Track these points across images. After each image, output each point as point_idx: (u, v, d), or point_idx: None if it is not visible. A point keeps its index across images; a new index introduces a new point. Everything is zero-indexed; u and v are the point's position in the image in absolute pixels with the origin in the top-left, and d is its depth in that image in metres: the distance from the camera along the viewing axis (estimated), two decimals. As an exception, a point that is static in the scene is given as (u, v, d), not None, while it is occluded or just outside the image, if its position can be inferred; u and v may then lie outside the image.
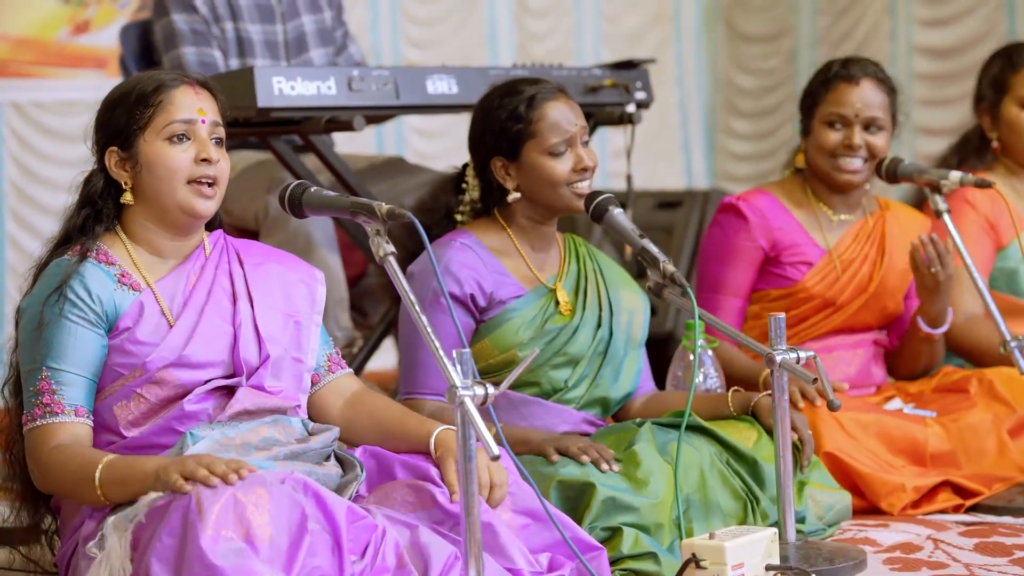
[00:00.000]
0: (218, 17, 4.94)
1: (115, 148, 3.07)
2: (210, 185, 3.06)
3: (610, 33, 8.86)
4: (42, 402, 2.96)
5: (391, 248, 2.89)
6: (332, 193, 3.04)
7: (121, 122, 3.06)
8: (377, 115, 4.62)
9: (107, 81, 7.08)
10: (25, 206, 7.05)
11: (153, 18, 5.01)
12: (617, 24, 8.91)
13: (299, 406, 3.14)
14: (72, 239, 3.10)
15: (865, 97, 4.22)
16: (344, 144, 5.52)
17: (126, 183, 3.08)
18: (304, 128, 4.30)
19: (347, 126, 4.30)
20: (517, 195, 3.70)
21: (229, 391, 3.06)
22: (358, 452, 3.14)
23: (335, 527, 2.73)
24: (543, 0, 8.66)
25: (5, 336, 6.97)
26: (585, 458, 3.37)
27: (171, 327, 3.03)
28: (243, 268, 3.17)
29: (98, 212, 3.10)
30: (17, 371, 3.07)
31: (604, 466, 3.36)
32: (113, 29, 7.00)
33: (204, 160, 3.04)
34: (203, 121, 3.06)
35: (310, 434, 3.10)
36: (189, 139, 3.05)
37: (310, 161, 4.74)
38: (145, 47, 5.06)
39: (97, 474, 2.84)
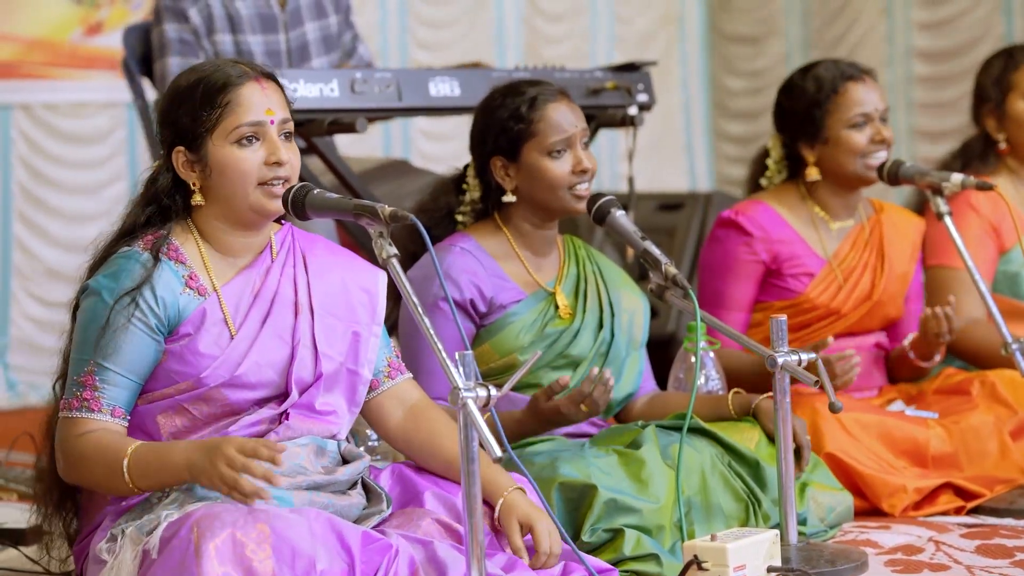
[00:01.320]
0: (213, 29, 4.92)
1: (182, 149, 3.01)
2: (282, 184, 3.00)
3: (622, 36, 8.87)
4: (83, 396, 2.92)
5: (394, 250, 2.89)
6: (335, 195, 3.02)
7: (186, 123, 2.99)
8: (380, 117, 4.62)
9: (119, 83, 7.10)
10: (33, 209, 7.05)
11: (152, 24, 5.02)
12: (629, 26, 8.92)
13: (339, 431, 3.09)
14: (134, 233, 3.04)
15: (874, 91, 4.24)
16: (350, 146, 5.53)
17: (194, 184, 3.02)
18: (307, 130, 4.30)
19: (350, 128, 4.30)
20: (512, 198, 3.70)
21: (276, 417, 3.02)
22: (386, 473, 3.13)
23: (350, 555, 2.73)
24: (557, 3, 8.66)
25: (10, 338, 6.98)
26: (583, 409, 3.41)
27: (232, 338, 2.99)
28: (308, 273, 3.11)
29: (165, 210, 3.05)
30: (68, 360, 3.01)
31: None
32: (127, 31, 7.04)
33: (275, 163, 2.99)
34: (272, 122, 3.00)
35: (343, 458, 3.08)
36: (259, 139, 2.99)
37: (313, 163, 4.75)
38: (147, 50, 5.06)
39: (126, 463, 2.82)
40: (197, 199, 3.03)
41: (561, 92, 3.73)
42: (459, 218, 3.82)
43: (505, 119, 3.69)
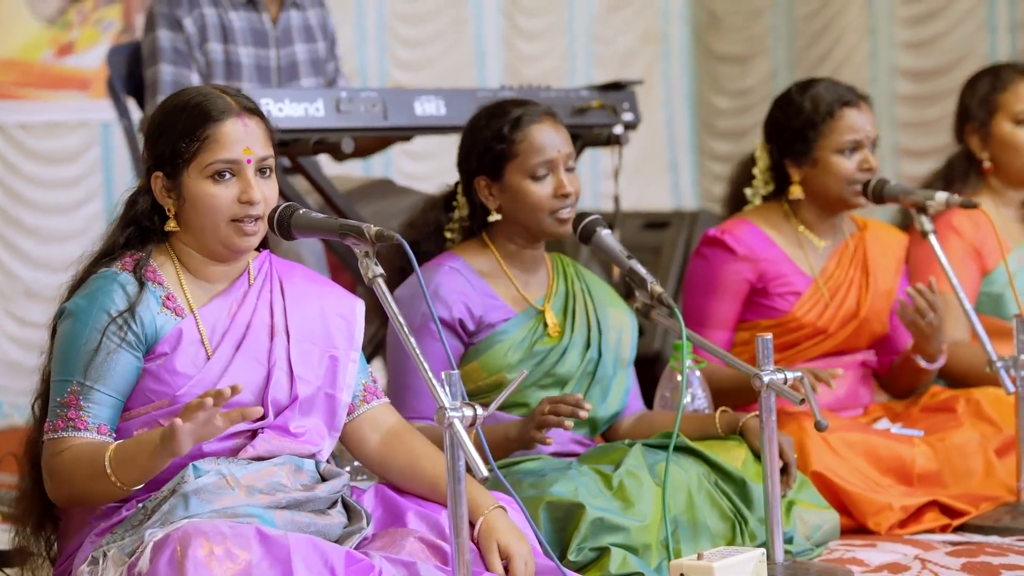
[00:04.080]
0: (206, 38, 4.93)
1: (160, 175, 3.02)
2: (255, 222, 3.01)
3: (601, 55, 8.88)
4: (67, 415, 2.92)
5: (380, 270, 2.89)
6: (321, 215, 3.03)
7: (166, 150, 3.00)
8: (366, 137, 4.62)
9: (91, 103, 7.09)
10: (9, 228, 7.04)
11: (144, 31, 5.02)
12: (609, 46, 8.93)
13: (318, 452, 3.09)
14: (114, 253, 3.05)
15: (868, 118, 4.23)
16: (333, 165, 5.53)
17: (170, 210, 3.03)
18: (292, 149, 4.30)
19: (335, 148, 4.30)
20: (497, 216, 3.71)
21: (251, 432, 3.02)
22: (369, 493, 3.13)
23: (333, 575, 2.72)
24: (535, 22, 8.67)
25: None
26: (569, 423, 3.34)
27: (208, 358, 3.00)
28: (284, 299, 3.12)
29: (144, 231, 3.06)
30: (47, 381, 3.01)
31: (576, 414, 3.35)
32: (96, 51, 7.02)
33: (247, 202, 2.99)
34: (248, 160, 3.00)
35: (322, 477, 3.07)
36: (234, 176, 2.99)
37: (298, 183, 4.75)
38: (132, 70, 5.06)
39: (107, 460, 2.81)
40: (172, 225, 3.04)
41: (547, 113, 3.73)
42: (448, 235, 3.82)
43: (488, 139, 3.69)
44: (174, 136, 3.00)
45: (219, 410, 2.69)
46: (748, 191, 4.38)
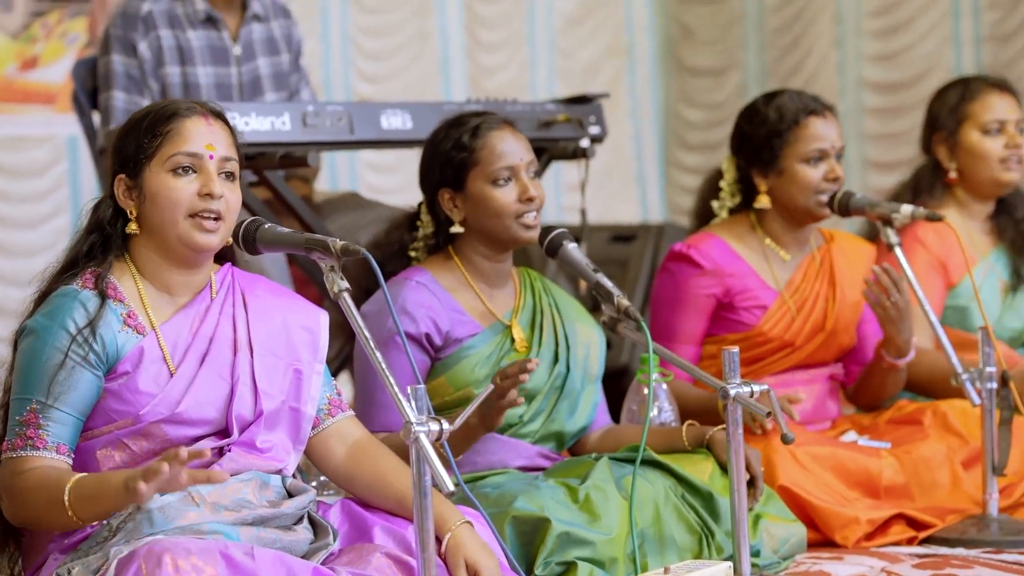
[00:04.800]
0: (162, 62, 4.90)
1: (123, 176, 3.01)
2: (215, 220, 2.99)
3: (564, 67, 8.89)
4: (26, 434, 2.89)
5: (346, 285, 2.89)
6: (287, 230, 3.02)
7: (131, 150, 3.00)
8: (332, 150, 4.62)
9: (56, 117, 7.06)
10: (-25, 243, 7.00)
11: (100, 52, 4.99)
12: (571, 58, 8.93)
13: (284, 467, 3.08)
14: (77, 265, 3.03)
15: (834, 127, 4.24)
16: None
17: (131, 212, 3.02)
18: (258, 164, 4.29)
19: (302, 162, 4.30)
20: (460, 229, 3.70)
21: (218, 449, 3.00)
22: (335, 508, 3.11)
23: None
24: (496, 34, 8.68)
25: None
26: (513, 393, 3.31)
27: (171, 376, 2.98)
28: (247, 313, 3.10)
29: (106, 240, 3.04)
30: (8, 395, 2.99)
31: (524, 373, 3.32)
32: (61, 65, 6.99)
33: (207, 195, 2.98)
34: (211, 156, 2.99)
35: (289, 493, 3.06)
36: (195, 172, 2.98)
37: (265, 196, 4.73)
38: (97, 85, 5.04)
39: (67, 493, 2.78)
40: (133, 227, 3.02)
41: (505, 121, 3.74)
42: (412, 254, 3.82)
43: (449, 149, 3.70)
44: (139, 136, 3.00)
45: (183, 469, 2.65)
46: (715, 204, 4.38)
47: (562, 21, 8.92)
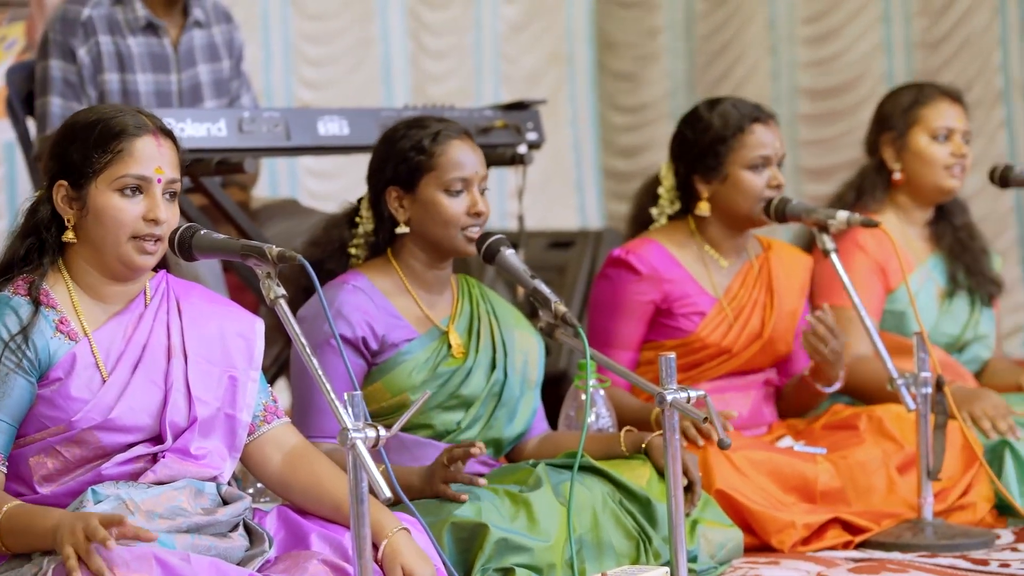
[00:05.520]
0: (101, 68, 4.86)
1: (65, 184, 2.99)
2: (155, 242, 2.99)
3: (509, 74, 8.89)
4: None
5: (282, 291, 2.88)
6: (222, 236, 3.01)
7: (76, 159, 2.97)
8: (269, 157, 4.60)
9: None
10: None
11: (37, 57, 4.95)
12: (515, 65, 8.94)
13: (219, 474, 3.06)
14: (13, 269, 3.01)
15: (777, 134, 4.27)
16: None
17: (69, 221, 3.00)
18: (194, 170, 4.27)
19: (238, 168, 4.28)
20: (405, 229, 3.70)
21: (151, 455, 2.99)
22: (271, 515, 3.10)
23: None
24: (441, 41, 8.67)
25: None
26: (482, 481, 3.36)
27: (104, 382, 2.96)
28: (182, 320, 3.09)
29: (42, 245, 3.02)
30: None
31: (482, 481, 3.36)
32: (-1, 70, 6.94)
33: (152, 220, 2.97)
34: (159, 180, 2.98)
35: (224, 500, 3.05)
36: (142, 193, 2.97)
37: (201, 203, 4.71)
38: (32, 88, 5.00)
39: None
40: (69, 236, 3.00)
41: (466, 133, 3.74)
42: (352, 251, 3.81)
43: (407, 149, 3.69)
44: (87, 146, 2.97)
45: (111, 539, 2.64)
46: (654, 210, 4.39)
47: (507, 27, 8.92)
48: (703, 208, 4.29)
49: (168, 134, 3.05)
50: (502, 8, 8.92)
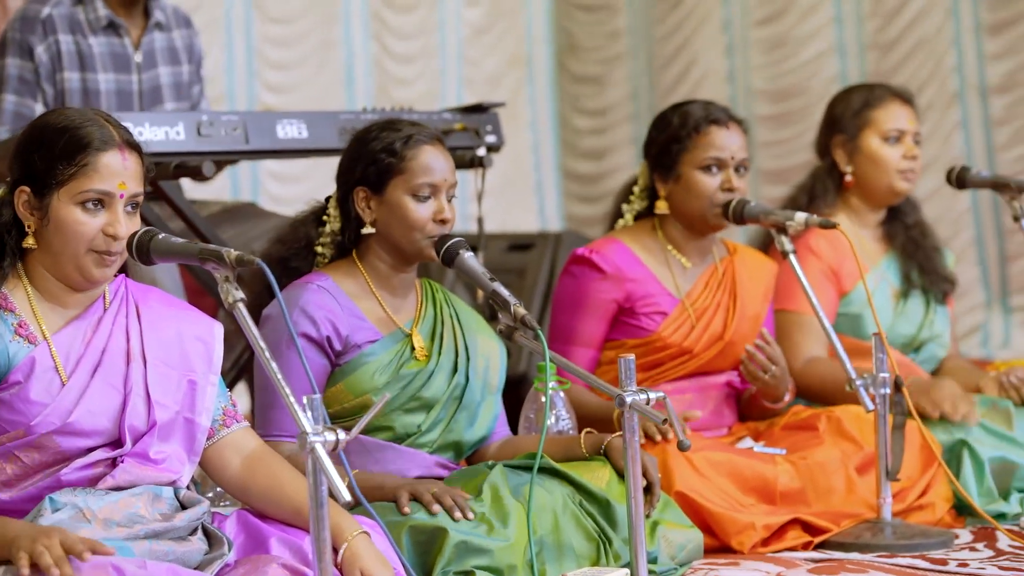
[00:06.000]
0: (60, 67, 4.84)
1: (27, 190, 2.98)
2: (114, 255, 2.99)
3: (471, 77, 8.89)
4: None
5: (240, 295, 2.87)
6: (180, 240, 3.00)
7: (39, 167, 2.97)
8: (227, 160, 4.58)
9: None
10: None
11: None
12: (478, 68, 8.94)
13: (178, 479, 3.06)
14: None
15: (737, 139, 4.27)
16: (198, 189, 5.48)
17: (29, 227, 3.00)
18: (152, 174, 4.24)
19: (196, 171, 4.26)
20: (371, 230, 3.69)
21: (111, 460, 2.99)
22: (231, 519, 3.10)
23: None
24: (407, 45, 8.66)
25: None
26: (436, 508, 3.36)
27: (63, 386, 2.96)
28: (140, 324, 3.09)
29: (2, 247, 3.02)
30: None
31: (458, 514, 3.36)
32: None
33: (111, 235, 2.97)
34: (121, 195, 2.98)
35: (182, 505, 3.04)
36: (103, 207, 2.98)
37: (160, 207, 4.69)
38: None
39: None
40: (30, 242, 3.01)
41: (438, 139, 3.74)
42: (319, 249, 3.80)
43: (378, 151, 3.68)
44: (52, 156, 2.97)
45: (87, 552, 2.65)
46: (624, 207, 4.42)
47: (470, 30, 8.93)
48: (661, 207, 4.31)
49: (135, 147, 3.04)
50: (465, 11, 8.93)
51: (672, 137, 4.28)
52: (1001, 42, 8.01)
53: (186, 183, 4.89)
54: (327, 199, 3.81)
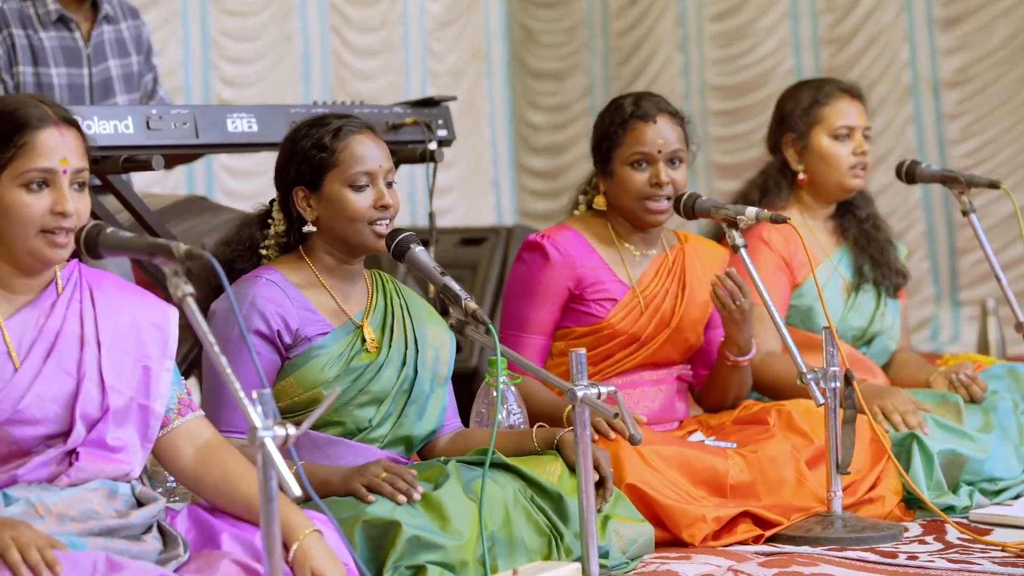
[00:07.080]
0: (15, 61, 4.82)
1: None
2: (66, 234, 2.96)
3: (435, 71, 8.88)
4: None
5: (189, 289, 2.85)
6: (129, 234, 2.98)
7: None
8: (177, 154, 4.56)
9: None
10: None
11: None
12: (441, 61, 8.93)
13: (131, 469, 3.04)
14: None
15: (664, 133, 4.27)
16: (152, 184, 5.46)
17: None
18: (101, 168, 4.23)
19: (145, 165, 4.24)
20: (313, 228, 3.68)
21: (67, 458, 2.97)
22: (182, 515, 3.08)
23: None
24: (369, 39, 8.64)
25: None
26: (401, 498, 3.35)
27: (16, 371, 2.94)
28: (95, 309, 3.07)
29: None
30: None
31: (407, 497, 3.35)
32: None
33: (60, 213, 2.95)
34: (64, 171, 2.96)
35: (138, 501, 3.03)
36: (48, 186, 2.95)
37: (110, 201, 4.67)
38: None
39: None
40: None
41: (368, 127, 3.72)
42: (263, 252, 3.79)
43: (308, 148, 3.67)
44: None
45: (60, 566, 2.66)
46: (581, 197, 4.44)
47: (433, 24, 8.92)
48: (599, 202, 4.34)
49: (72, 123, 3.02)
50: (428, 4, 8.92)
51: (604, 134, 4.32)
52: (954, 37, 8.05)
53: (140, 177, 4.88)
54: (271, 202, 3.80)
